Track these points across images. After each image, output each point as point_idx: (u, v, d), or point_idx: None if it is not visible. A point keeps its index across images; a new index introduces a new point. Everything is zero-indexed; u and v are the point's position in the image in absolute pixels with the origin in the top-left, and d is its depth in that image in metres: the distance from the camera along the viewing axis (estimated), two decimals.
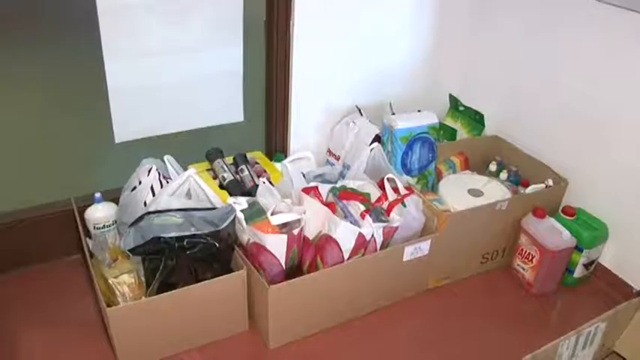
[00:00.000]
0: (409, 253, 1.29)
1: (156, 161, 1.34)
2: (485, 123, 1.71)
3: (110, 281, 1.12)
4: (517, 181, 1.58)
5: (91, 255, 1.20)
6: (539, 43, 1.54)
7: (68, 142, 1.43)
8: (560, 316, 1.35)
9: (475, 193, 1.47)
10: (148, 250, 1.09)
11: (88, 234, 1.31)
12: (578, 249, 1.39)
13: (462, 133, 1.74)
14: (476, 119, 1.72)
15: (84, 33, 1.26)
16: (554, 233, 1.36)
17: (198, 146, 1.49)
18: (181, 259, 1.10)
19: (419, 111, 1.60)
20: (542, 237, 1.36)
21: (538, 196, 1.45)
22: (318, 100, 1.58)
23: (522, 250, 1.42)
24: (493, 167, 1.62)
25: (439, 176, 1.60)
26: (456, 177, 1.57)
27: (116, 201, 1.32)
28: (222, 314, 1.18)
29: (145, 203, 1.25)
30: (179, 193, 1.26)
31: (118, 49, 1.25)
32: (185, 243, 1.09)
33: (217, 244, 1.12)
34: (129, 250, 1.10)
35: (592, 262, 1.44)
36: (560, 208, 1.47)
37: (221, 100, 1.47)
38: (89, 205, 1.30)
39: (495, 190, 1.48)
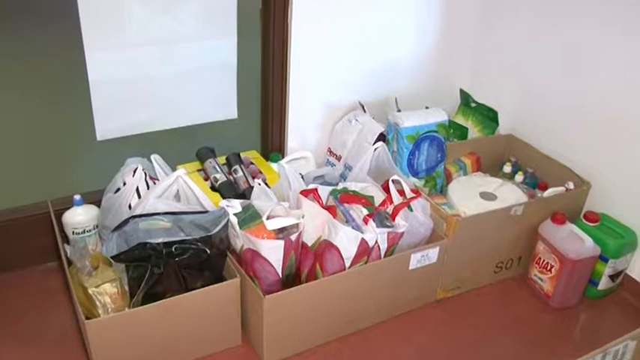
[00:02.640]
0: (416, 260, 1.29)
1: (142, 161, 1.34)
2: (499, 121, 1.72)
3: (90, 291, 1.12)
4: (534, 183, 1.58)
5: (69, 262, 1.19)
6: (557, 35, 1.54)
7: (45, 139, 1.43)
8: (583, 332, 1.34)
9: (488, 196, 1.48)
10: (133, 257, 1.09)
11: (66, 239, 1.30)
12: (603, 258, 1.38)
13: (474, 132, 1.74)
14: (489, 116, 1.73)
15: (62, 19, 1.25)
16: (575, 241, 1.36)
17: (188, 145, 1.49)
18: (169, 266, 1.10)
19: (427, 107, 1.60)
20: (562, 245, 1.36)
21: (557, 200, 1.45)
22: (318, 96, 1.59)
23: (540, 259, 1.42)
24: (508, 168, 1.63)
25: (448, 178, 1.60)
26: (466, 179, 1.57)
27: (98, 204, 1.32)
28: (214, 327, 1.18)
29: (129, 206, 1.25)
30: (167, 195, 1.26)
31: (100, 38, 1.24)
32: (173, 249, 1.09)
33: (208, 251, 1.12)
34: (111, 257, 1.09)
35: (619, 274, 1.43)
36: (582, 213, 1.47)
37: (213, 95, 1.48)
38: (68, 208, 1.30)
39: (510, 193, 1.48)
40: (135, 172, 1.27)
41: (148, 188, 1.28)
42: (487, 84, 1.76)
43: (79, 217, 1.29)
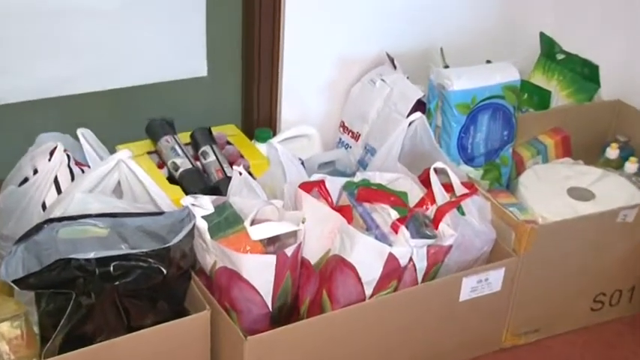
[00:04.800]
0: (470, 288, 1.29)
1: (63, 138, 1.34)
2: (601, 81, 1.70)
3: None
4: None
5: None
6: None
7: None
8: None
9: (580, 194, 1.47)
10: (49, 282, 1.08)
11: None
12: None
13: (560, 97, 1.73)
14: (584, 74, 1.71)
15: None
16: None
17: (133, 115, 1.48)
18: (104, 294, 1.10)
19: (488, 62, 1.59)
20: None
21: None
22: (325, 45, 1.59)
23: None
24: (613, 153, 1.62)
25: (520, 167, 1.59)
26: (547, 168, 1.56)
27: None
28: None
29: (43, 205, 1.25)
30: (103, 188, 1.26)
31: None
32: (111, 269, 1.09)
33: (164, 271, 1.12)
34: (14, 282, 1.07)
35: None
36: None
37: (172, 42, 1.48)
38: None
39: (615, 190, 1.47)
40: (52, 154, 1.26)
41: (73, 179, 1.27)
42: (582, 25, 1.75)
43: None
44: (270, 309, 1.20)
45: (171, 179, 1.39)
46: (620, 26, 1.69)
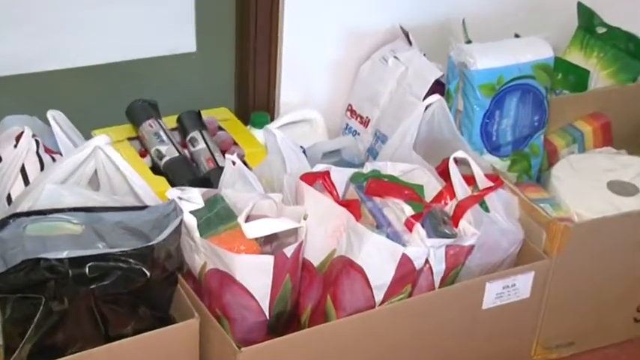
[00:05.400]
0: (494, 294, 1.29)
1: (30, 121, 1.34)
2: None
3: None
4: None
5: None
6: None
7: None
8: None
9: (622, 188, 1.47)
10: (15, 285, 1.08)
11: None
12: None
13: (601, 78, 1.73)
14: (629, 50, 1.71)
15: None
16: None
17: (112, 96, 1.48)
18: (79, 299, 1.10)
19: (517, 36, 1.59)
20: None
21: None
22: (331, 17, 1.59)
23: None
24: None
25: (552, 157, 1.59)
26: (584, 159, 1.56)
27: None
28: None
29: (9, 198, 1.25)
30: (77, 179, 1.26)
31: None
32: (87, 270, 1.09)
33: (147, 273, 1.12)
34: None
35: None
36: None
37: (156, 13, 1.48)
38: None
39: None
40: (18, 139, 1.26)
41: (43, 168, 1.27)
42: None
43: None
44: (267, 317, 1.20)
45: (156, 169, 1.39)
46: None
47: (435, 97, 1.44)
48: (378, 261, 1.18)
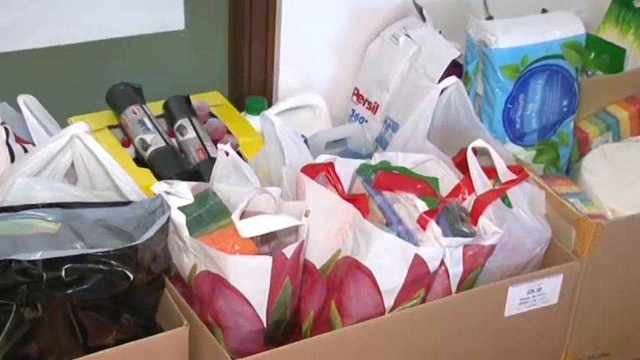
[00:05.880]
0: (518, 300, 1.29)
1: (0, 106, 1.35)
2: None
3: None
4: None
5: None
6: None
7: None
8: None
9: None
10: None
11: None
12: None
13: (638, 57, 1.72)
14: None
15: None
16: None
17: (91, 79, 1.49)
18: (54, 305, 1.10)
19: (544, 11, 1.59)
20: None
21: None
22: None
23: None
24: None
25: (583, 146, 1.60)
26: (619, 148, 1.57)
27: None
28: None
29: None
30: (52, 172, 1.26)
31: None
32: (63, 273, 1.09)
33: (131, 276, 1.12)
34: None
35: None
36: None
37: None
38: None
39: None
40: None
41: (14, 159, 1.28)
42: None
43: None
44: (265, 325, 1.19)
45: (140, 160, 1.39)
46: None
47: (452, 79, 1.43)
48: (387, 262, 1.18)
